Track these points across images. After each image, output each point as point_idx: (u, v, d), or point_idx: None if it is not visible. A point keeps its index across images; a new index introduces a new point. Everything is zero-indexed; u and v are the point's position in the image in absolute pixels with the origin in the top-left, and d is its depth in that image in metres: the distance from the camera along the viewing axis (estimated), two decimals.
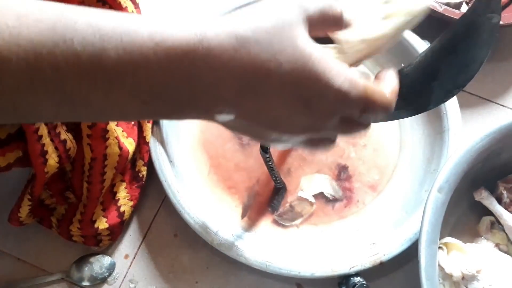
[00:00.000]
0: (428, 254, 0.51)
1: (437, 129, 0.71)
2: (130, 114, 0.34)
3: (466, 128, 0.71)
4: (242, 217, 0.68)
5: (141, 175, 0.67)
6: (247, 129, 0.36)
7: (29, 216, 0.62)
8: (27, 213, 0.61)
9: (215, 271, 0.66)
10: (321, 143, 0.40)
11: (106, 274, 0.65)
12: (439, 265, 0.57)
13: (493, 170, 0.64)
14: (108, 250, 0.67)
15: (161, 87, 0.31)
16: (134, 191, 0.67)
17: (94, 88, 0.30)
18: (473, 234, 0.64)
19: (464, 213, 0.65)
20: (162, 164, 0.66)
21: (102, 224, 0.64)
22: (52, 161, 0.54)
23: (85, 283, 0.64)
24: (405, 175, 0.71)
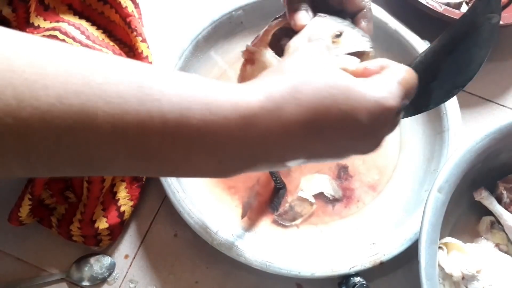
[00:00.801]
0: (428, 254, 0.51)
1: (437, 129, 0.71)
2: (205, 172, 0.35)
3: (466, 128, 0.71)
4: (242, 217, 0.68)
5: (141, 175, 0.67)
6: (320, 162, 0.38)
7: (29, 216, 0.62)
8: (27, 213, 0.61)
9: (215, 271, 0.66)
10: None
11: (106, 274, 0.65)
12: (439, 265, 0.57)
13: (493, 170, 0.64)
14: (108, 250, 0.67)
15: (238, 147, 0.32)
16: (134, 191, 0.67)
17: (174, 148, 0.31)
18: (473, 234, 0.64)
19: (464, 213, 0.65)
20: None
21: (102, 224, 0.64)
22: None
23: (85, 283, 0.64)
24: (405, 175, 0.71)
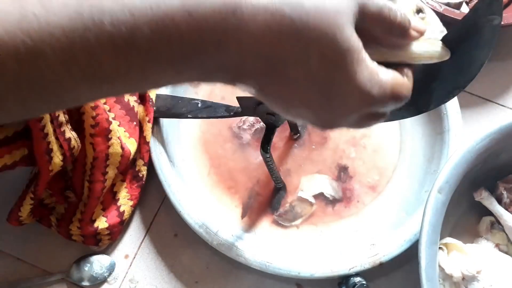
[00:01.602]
0: (428, 255, 0.51)
1: (438, 130, 0.71)
2: (163, 82, 0.33)
3: (466, 128, 0.71)
4: (242, 217, 0.68)
5: (141, 175, 0.67)
6: (266, 102, 0.35)
7: (29, 215, 0.62)
8: (28, 212, 0.61)
9: (215, 271, 0.66)
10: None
11: (106, 274, 0.65)
12: (439, 265, 0.57)
13: (493, 171, 0.63)
14: (108, 250, 0.67)
15: (194, 57, 0.30)
16: (134, 190, 0.67)
17: (131, 66, 0.30)
18: (473, 234, 0.64)
19: (464, 214, 0.65)
20: (162, 164, 0.66)
21: (102, 223, 0.64)
22: (57, 159, 0.54)
23: (85, 283, 0.64)
24: (405, 175, 0.71)
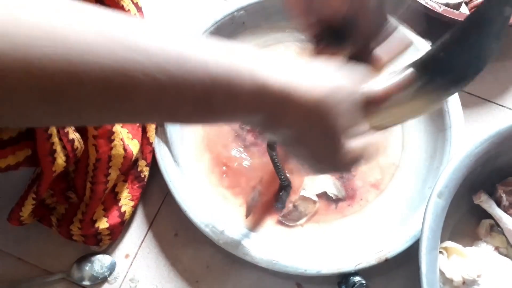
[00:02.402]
0: (428, 260, 0.52)
1: (440, 127, 0.71)
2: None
3: (466, 128, 0.71)
4: (246, 216, 0.68)
5: (143, 176, 0.67)
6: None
7: (30, 215, 0.62)
8: (29, 212, 0.61)
9: (215, 271, 0.66)
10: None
11: (106, 274, 0.65)
12: (439, 270, 0.57)
13: (492, 173, 0.64)
14: (108, 249, 0.67)
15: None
16: (136, 191, 0.67)
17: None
18: (473, 237, 0.65)
19: (464, 217, 0.66)
20: (167, 164, 0.66)
21: (103, 224, 0.64)
22: (60, 160, 0.54)
23: (86, 282, 0.64)
24: (408, 172, 0.72)
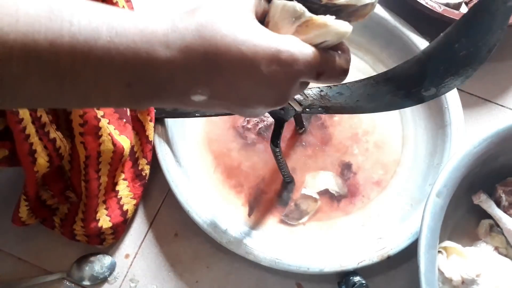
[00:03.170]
0: (427, 260, 0.52)
1: (439, 123, 0.72)
2: (115, 98, 0.37)
3: (466, 128, 0.71)
4: (248, 215, 0.68)
5: (144, 174, 0.67)
6: (223, 107, 0.40)
7: (31, 216, 0.62)
8: (27, 213, 0.61)
9: (215, 271, 0.67)
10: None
11: (106, 274, 0.65)
12: (438, 269, 0.57)
13: (491, 173, 0.64)
14: (109, 249, 0.67)
15: (143, 68, 0.35)
16: (137, 189, 0.67)
17: (85, 67, 0.33)
18: (472, 237, 0.65)
19: (463, 217, 0.66)
20: (169, 164, 0.67)
21: (106, 223, 0.64)
22: (42, 160, 0.54)
23: (86, 282, 0.64)
24: (409, 169, 0.72)
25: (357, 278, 0.62)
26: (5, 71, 0.31)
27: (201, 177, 0.71)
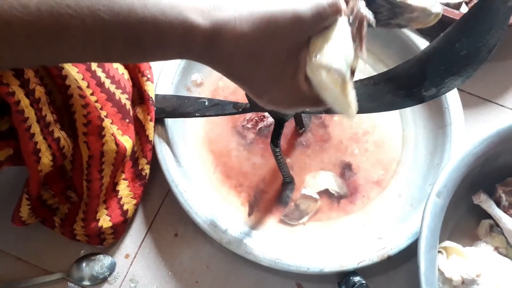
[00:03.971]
0: (427, 260, 0.52)
1: (439, 124, 0.72)
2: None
3: (466, 128, 0.71)
4: (249, 215, 0.68)
5: (144, 174, 0.67)
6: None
7: (31, 216, 0.62)
8: (28, 213, 0.61)
9: (215, 271, 0.66)
10: None
11: (106, 274, 0.65)
12: (438, 269, 0.57)
13: (491, 174, 0.64)
14: (109, 249, 0.67)
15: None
16: (137, 189, 0.67)
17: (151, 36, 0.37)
18: (472, 237, 0.65)
19: (463, 217, 0.66)
20: (169, 164, 0.67)
21: (106, 223, 0.64)
22: (46, 159, 0.54)
23: (86, 282, 0.64)
24: (409, 169, 0.72)
25: (357, 278, 0.62)
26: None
27: (201, 177, 0.71)
